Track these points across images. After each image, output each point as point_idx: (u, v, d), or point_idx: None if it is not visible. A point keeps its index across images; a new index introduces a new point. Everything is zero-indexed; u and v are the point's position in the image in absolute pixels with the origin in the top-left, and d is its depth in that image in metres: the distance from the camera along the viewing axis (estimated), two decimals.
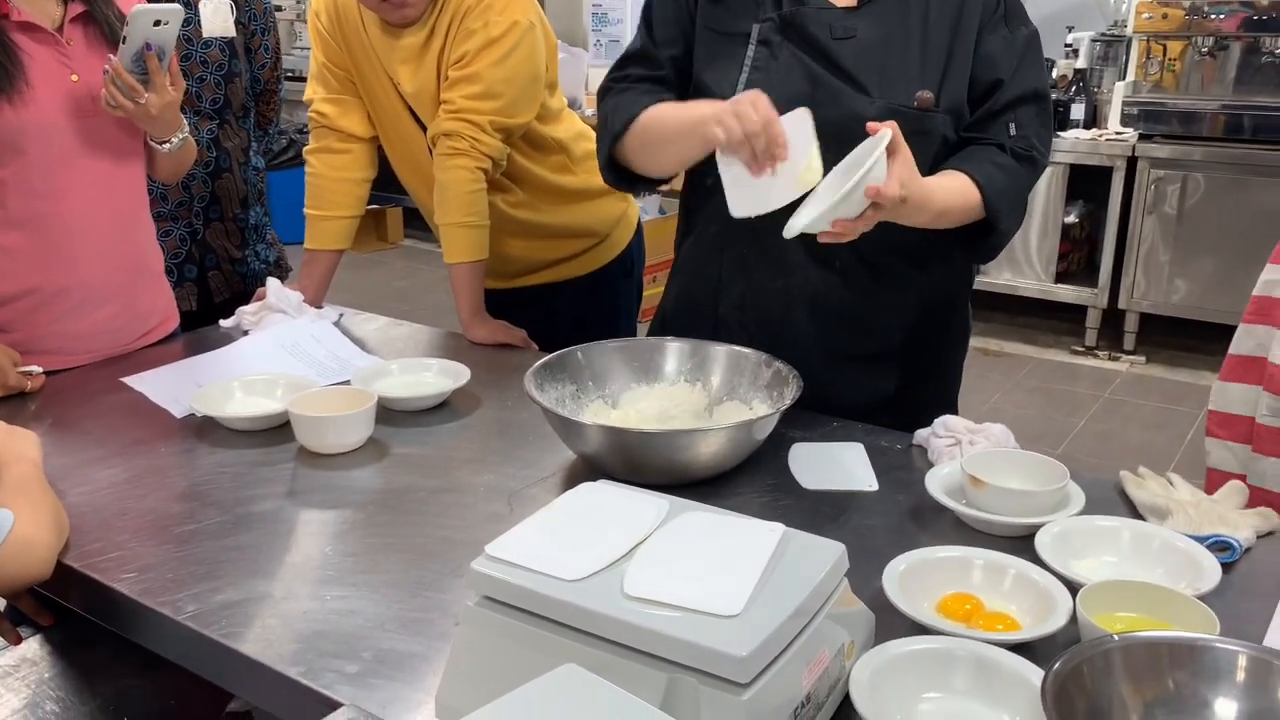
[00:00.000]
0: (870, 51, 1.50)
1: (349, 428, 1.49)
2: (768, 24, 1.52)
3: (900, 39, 1.51)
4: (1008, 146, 1.51)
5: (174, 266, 2.29)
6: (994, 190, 1.47)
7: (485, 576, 0.91)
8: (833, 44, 1.50)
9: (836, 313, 1.58)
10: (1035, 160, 1.53)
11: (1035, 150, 1.53)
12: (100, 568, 1.20)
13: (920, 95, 1.49)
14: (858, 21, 1.51)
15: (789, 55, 1.51)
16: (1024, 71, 1.53)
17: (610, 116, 1.58)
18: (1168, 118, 4.53)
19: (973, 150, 1.52)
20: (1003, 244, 1.56)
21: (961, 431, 1.44)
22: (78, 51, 1.73)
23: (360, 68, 2.06)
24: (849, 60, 1.49)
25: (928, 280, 1.62)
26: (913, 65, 1.50)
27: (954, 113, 1.52)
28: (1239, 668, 0.89)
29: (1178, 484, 1.35)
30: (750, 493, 1.37)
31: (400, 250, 6.71)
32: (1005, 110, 1.52)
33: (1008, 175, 1.50)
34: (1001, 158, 1.51)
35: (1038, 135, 1.54)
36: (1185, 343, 4.67)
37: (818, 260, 1.56)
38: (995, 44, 1.52)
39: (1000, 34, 1.53)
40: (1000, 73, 1.51)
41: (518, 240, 2.16)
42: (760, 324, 1.60)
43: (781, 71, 1.51)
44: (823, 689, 0.90)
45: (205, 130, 2.28)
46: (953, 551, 1.14)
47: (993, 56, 1.52)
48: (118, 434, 1.56)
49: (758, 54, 1.53)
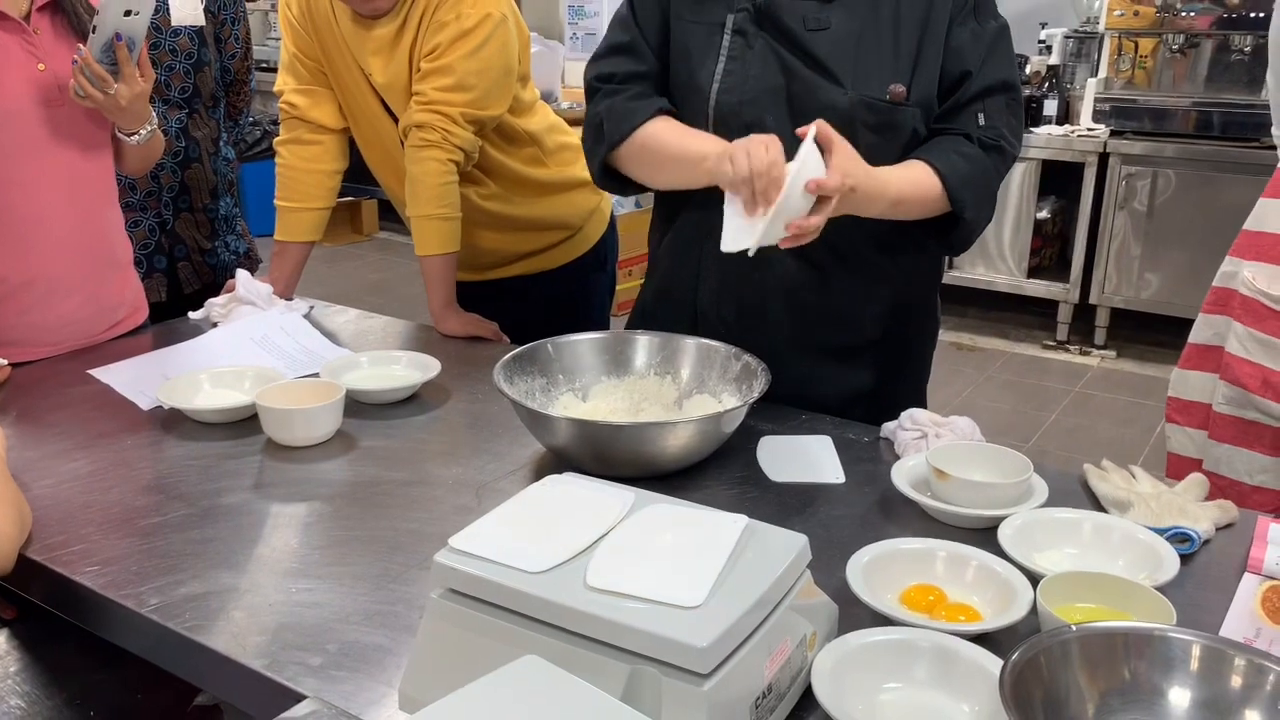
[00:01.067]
0: (844, 43, 1.51)
1: (317, 420, 1.49)
2: (742, 14, 1.52)
3: (873, 31, 1.51)
4: (975, 136, 1.51)
5: (143, 257, 2.27)
6: (956, 179, 1.47)
7: (448, 569, 0.91)
8: (807, 35, 1.50)
9: (813, 305, 1.59)
10: (1004, 150, 1.53)
11: (1004, 140, 1.53)
12: (64, 561, 1.20)
13: (893, 88, 1.50)
14: (831, 13, 1.51)
15: (764, 45, 1.52)
16: (993, 63, 1.53)
17: (606, 122, 1.57)
18: (1139, 114, 4.57)
19: (938, 140, 1.52)
20: (972, 234, 1.56)
21: (928, 424, 1.45)
22: (45, 40, 1.71)
23: (331, 59, 2.05)
24: (823, 52, 1.50)
25: (901, 273, 1.63)
26: (885, 58, 1.51)
27: (924, 106, 1.53)
28: (1193, 657, 0.90)
29: (1140, 477, 1.36)
30: (719, 485, 1.38)
31: (374, 243, 6.68)
32: (974, 101, 1.52)
33: (972, 164, 1.50)
34: (967, 147, 1.51)
35: (1008, 126, 1.54)
36: (1155, 338, 4.72)
37: (794, 252, 1.56)
38: (964, 36, 1.53)
39: (969, 26, 1.53)
40: (968, 64, 1.52)
41: (490, 232, 2.16)
42: (738, 315, 1.61)
43: (757, 62, 1.52)
44: (784, 679, 0.91)
45: (174, 120, 2.26)
46: (916, 543, 1.15)
47: (961, 49, 1.52)
48: (84, 426, 1.55)
49: (733, 44, 1.53)
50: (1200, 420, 1.90)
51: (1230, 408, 1.81)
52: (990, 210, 1.57)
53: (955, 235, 1.55)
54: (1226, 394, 1.81)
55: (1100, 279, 4.67)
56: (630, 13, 1.64)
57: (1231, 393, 1.80)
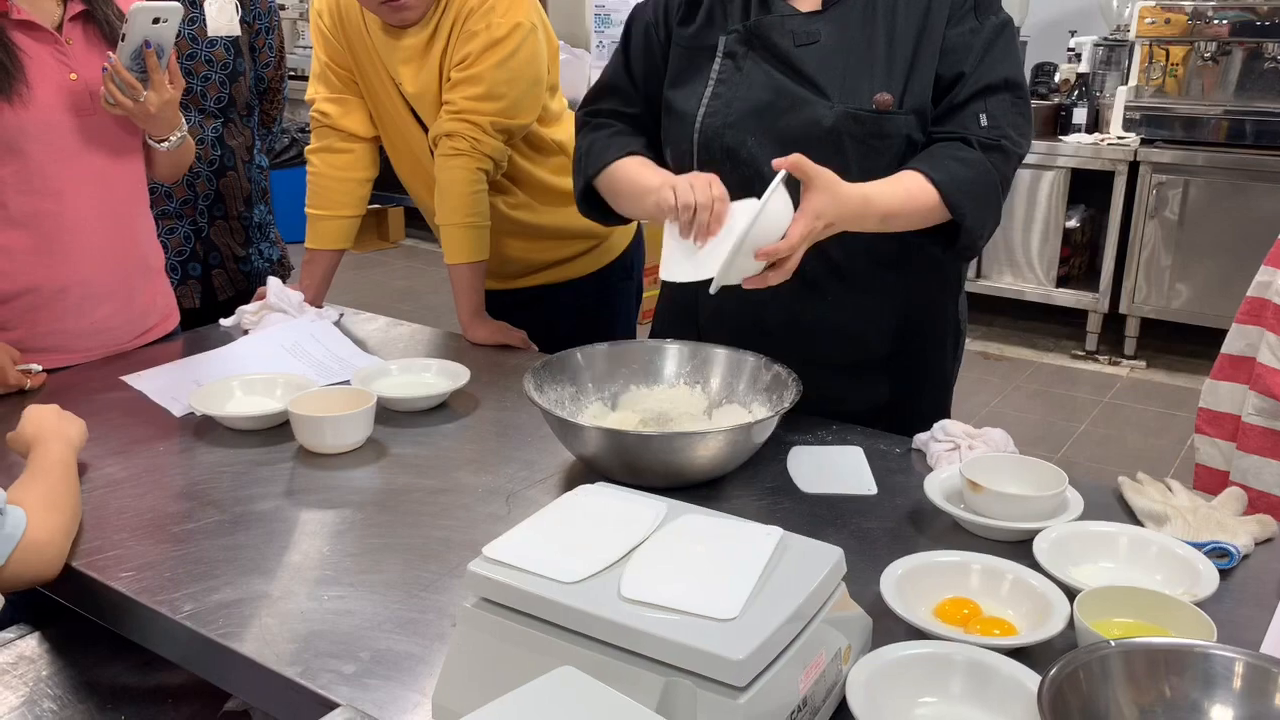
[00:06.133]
0: (833, 56, 1.48)
1: (348, 428, 1.49)
2: (733, 35, 1.52)
3: (864, 40, 1.49)
4: (975, 138, 1.46)
5: (178, 264, 2.29)
6: (954, 186, 1.42)
7: (482, 578, 0.91)
8: (795, 51, 1.49)
9: (811, 323, 1.57)
10: (1005, 149, 1.47)
11: (1007, 139, 1.47)
12: (98, 566, 1.21)
13: (878, 98, 1.47)
14: (821, 25, 1.49)
15: (752, 66, 1.51)
16: (993, 60, 1.48)
17: (583, 158, 1.62)
18: (1170, 123, 4.53)
19: (934, 148, 1.47)
20: (977, 241, 1.49)
21: (960, 436, 1.44)
22: (77, 50, 1.73)
23: (362, 67, 2.06)
24: (811, 66, 1.48)
25: (905, 285, 1.59)
26: (877, 66, 1.48)
27: (919, 113, 1.49)
28: (1235, 675, 0.89)
29: (1176, 490, 1.35)
30: (749, 496, 1.37)
31: (401, 250, 6.71)
32: (973, 100, 1.47)
33: (971, 169, 1.44)
34: (965, 152, 1.45)
35: (1013, 125, 1.48)
36: (1186, 348, 4.67)
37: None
38: (960, 36, 1.48)
39: (967, 25, 1.48)
40: (962, 65, 1.47)
41: (518, 241, 2.16)
42: (735, 334, 1.58)
43: (745, 83, 1.51)
44: (819, 693, 0.90)
45: (210, 129, 2.28)
46: (950, 556, 1.14)
47: (955, 48, 1.48)
48: (117, 433, 1.56)
49: (723, 67, 1.53)
50: (1230, 432, 1.88)
51: (1260, 418, 1.78)
52: (996, 213, 1.50)
53: (959, 243, 1.48)
54: (1257, 404, 1.79)
55: (1130, 288, 4.63)
56: (622, 53, 1.66)
57: (1262, 403, 1.78)
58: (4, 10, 1.65)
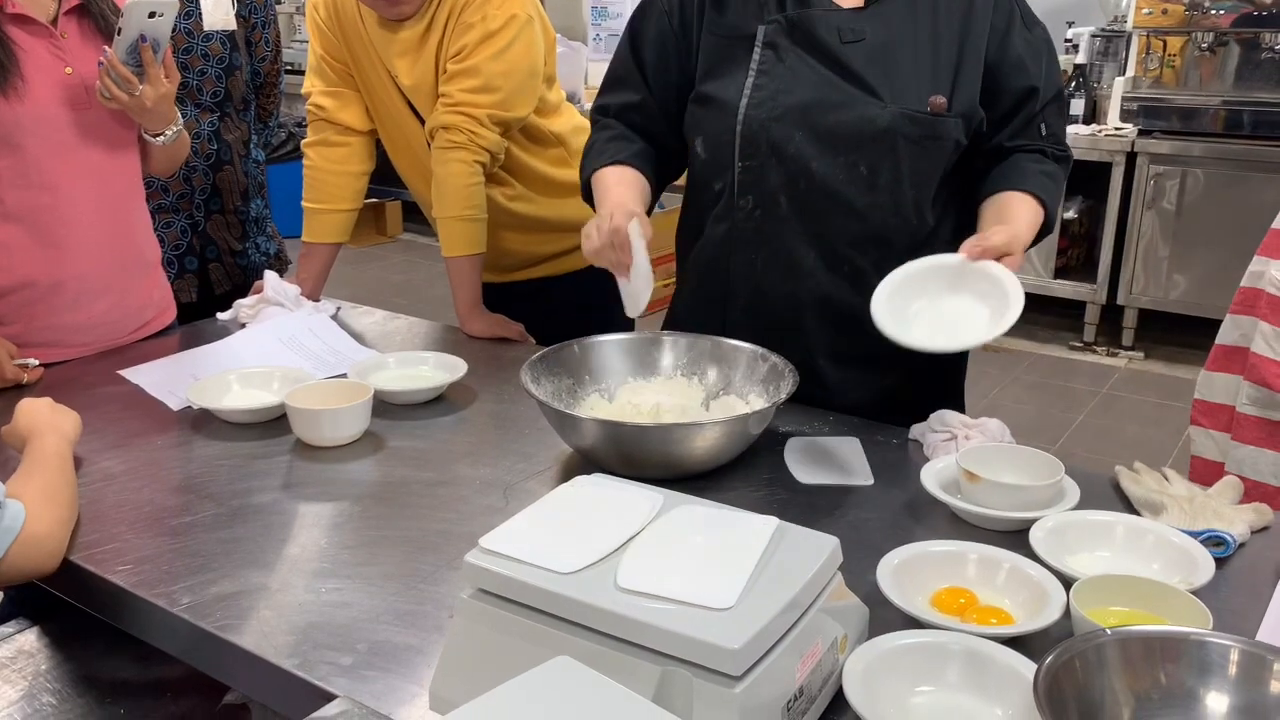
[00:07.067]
0: (880, 55, 1.49)
1: (345, 420, 1.49)
2: (774, 26, 1.50)
3: (909, 41, 1.49)
4: (1049, 151, 1.55)
5: (175, 258, 2.29)
6: (1052, 202, 1.52)
7: (479, 569, 0.91)
8: (842, 48, 1.48)
9: (845, 315, 1.57)
10: (1069, 159, 1.59)
11: (1065, 148, 1.58)
12: (96, 560, 1.21)
13: (934, 100, 1.49)
14: (866, 23, 1.49)
15: (796, 59, 1.50)
16: (1052, 72, 1.56)
17: (587, 154, 1.68)
18: (1167, 113, 4.52)
19: (1021, 163, 1.54)
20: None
21: (957, 426, 1.44)
22: (72, 44, 1.73)
23: (358, 61, 2.06)
24: (859, 64, 1.48)
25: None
26: (924, 68, 1.49)
27: (965, 117, 1.52)
28: (1231, 662, 0.89)
29: (1173, 479, 1.35)
30: (746, 487, 1.37)
31: (399, 244, 6.71)
32: (1043, 111, 1.55)
33: (1056, 182, 1.55)
34: (1048, 165, 1.55)
35: (1063, 132, 1.60)
36: (1183, 339, 4.67)
37: (828, 265, 1.55)
38: (1021, 47, 1.53)
39: (1023, 36, 1.54)
40: (1033, 80, 1.54)
41: (515, 234, 2.16)
42: (769, 328, 1.58)
43: (788, 75, 1.50)
44: (816, 682, 0.90)
45: (206, 123, 2.28)
46: (947, 546, 1.14)
47: (1023, 61, 1.53)
48: (114, 426, 1.56)
49: (763, 57, 1.51)
50: (1225, 423, 1.88)
51: (1254, 408, 1.79)
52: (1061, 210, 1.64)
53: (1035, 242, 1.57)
54: (1251, 394, 1.79)
55: (1128, 279, 4.63)
56: (629, 42, 1.66)
57: (1256, 393, 1.78)
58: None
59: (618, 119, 1.67)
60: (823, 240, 1.55)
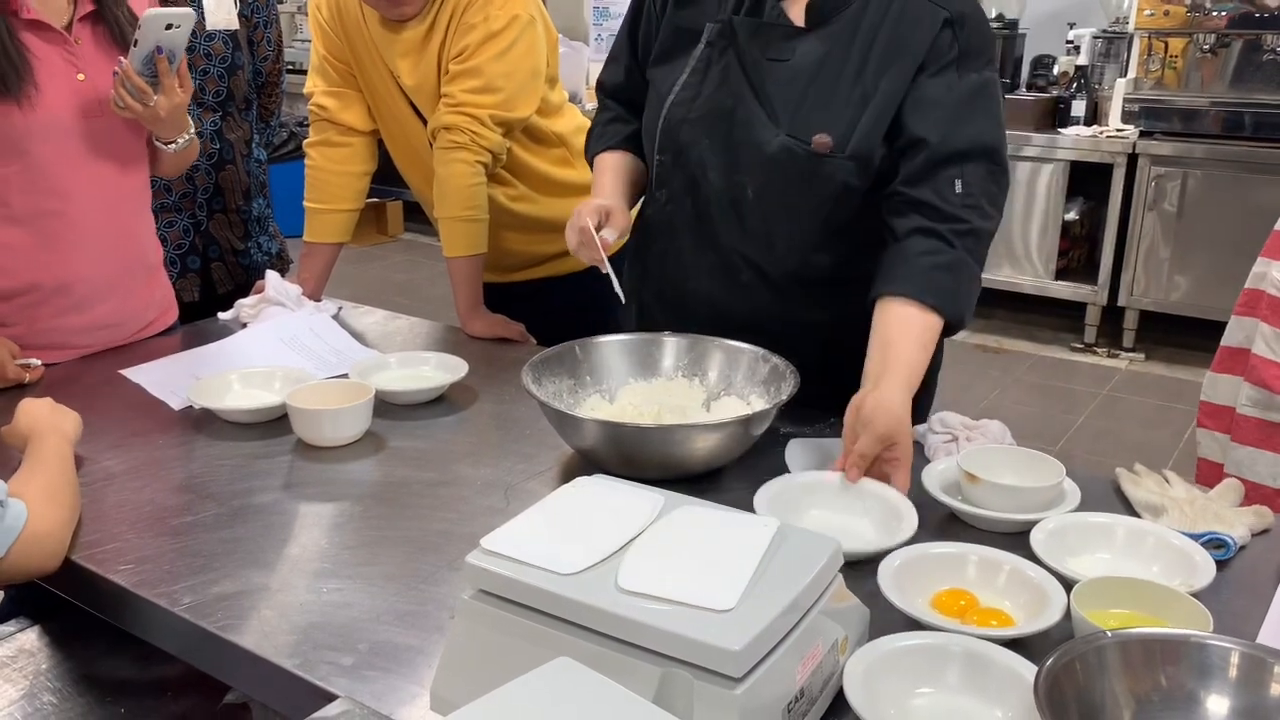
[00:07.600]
0: (795, 81, 1.45)
1: (346, 421, 1.49)
2: (716, 27, 1.50)
3: (831, 73, 1.44)
4: (947, 214, 1.36)
5: (177, 258, 2.29)
6: (950, 302, 1.35)
7: (480, 570, 0.91)
8: (763, 64, 1.46)
9: (736, 325, 1.55)
10: (979, 232, 1.38)
11: (980, 212, 1.38)
12: (97, 559, 1.21)
13: (817, 138, 1.42)
14: (798, 45, 1.45)
15: (725, 66, 1.50)
16: (974, 123, 1.39)
17: (589, 139, 1.74)
18: (1169, 115, 4.53)
19: (912, 254, 1.36)
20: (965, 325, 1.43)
21: (958, 428, 1.44)
22: (85, 50, 1.73)
23: (361, 61, 2.06)
24: (773, 85, 1.46)
25: (840, 300, 1.51)
26: (835, 102, 1.43)
27: (860, 159, 1.43)
28: (1231, 665, 0.89)
29: (1174, 481, 1.35)
30: (746, 488, 1.37)
31: (400, 244, 6.71)
32: (949, 165, 1.38)
33: (954, 274, 1.36)
34: (941, 252, 1.35)
35: (987, 195, 1.39)
36: (1184, 340, 4.67)
37: (722, 272, 1.57)
38: (934, 90, 1.40)
39: (944, 79, 1.40)
40: (927, 128, 1.38)
41: (517, 234, 2.16)
42: (670, 323, 1.61)
43: (714, 81, 1.50)
44: (816, 684, 0.90)
45: (208, 122, 2.28)
46: (948, 547, 1.14)
47: (925, 104, 1.39)
48: (115, 426, 1.56)
49: (702, 55, 1.52)
50: (1228, 425, 1.88)
51: (1254, 409, 1.79)
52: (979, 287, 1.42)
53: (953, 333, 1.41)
54: (1250, 395, 1.79)
55: (1129, 281, 4.63)
56: (628, 16, 1.67)
57: (1256, 394, 1.78)
58: (14, 10, 1.64)
59: (612, 98, 1.72)
60: (717, 248, 1.57)
